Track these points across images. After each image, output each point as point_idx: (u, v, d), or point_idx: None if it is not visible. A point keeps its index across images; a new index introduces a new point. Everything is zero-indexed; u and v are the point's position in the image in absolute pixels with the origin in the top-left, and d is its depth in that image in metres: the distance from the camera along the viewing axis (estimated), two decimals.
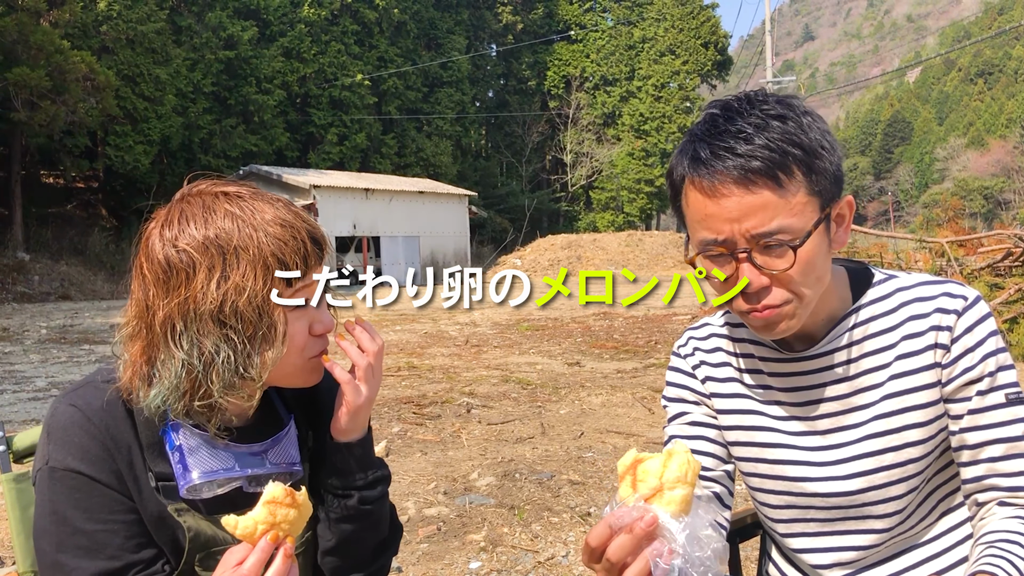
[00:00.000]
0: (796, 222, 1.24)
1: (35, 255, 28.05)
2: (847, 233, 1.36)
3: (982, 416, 1.33)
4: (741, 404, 1.53)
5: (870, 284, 1.44)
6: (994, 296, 9.80)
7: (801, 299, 1.30)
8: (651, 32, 56.83)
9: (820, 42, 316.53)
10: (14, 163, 29.49)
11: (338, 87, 43.49)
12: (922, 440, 1.38)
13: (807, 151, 1.25)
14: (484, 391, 8.39)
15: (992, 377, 1.33)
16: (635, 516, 1.07)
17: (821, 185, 1.27)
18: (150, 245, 1.29)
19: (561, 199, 57.88)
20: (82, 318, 18.04)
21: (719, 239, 1.28)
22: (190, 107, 36.02)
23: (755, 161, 1.23)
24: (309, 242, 1.29)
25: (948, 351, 1.35)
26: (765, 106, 1.28)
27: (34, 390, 8.99)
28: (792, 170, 1.24)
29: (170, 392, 1.27)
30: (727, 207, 1.25)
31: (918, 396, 1.37)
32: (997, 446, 1.32)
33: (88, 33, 30.57)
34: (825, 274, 1.33)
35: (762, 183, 1.23)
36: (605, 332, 13.71)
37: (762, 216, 1.24)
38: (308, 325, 1.32)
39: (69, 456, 1.28)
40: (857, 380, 1.41)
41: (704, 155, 1.27)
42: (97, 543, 1.27)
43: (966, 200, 74.20)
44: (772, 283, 1.28)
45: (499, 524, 4.37)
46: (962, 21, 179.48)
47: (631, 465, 1.12)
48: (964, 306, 1.35)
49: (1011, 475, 1.32)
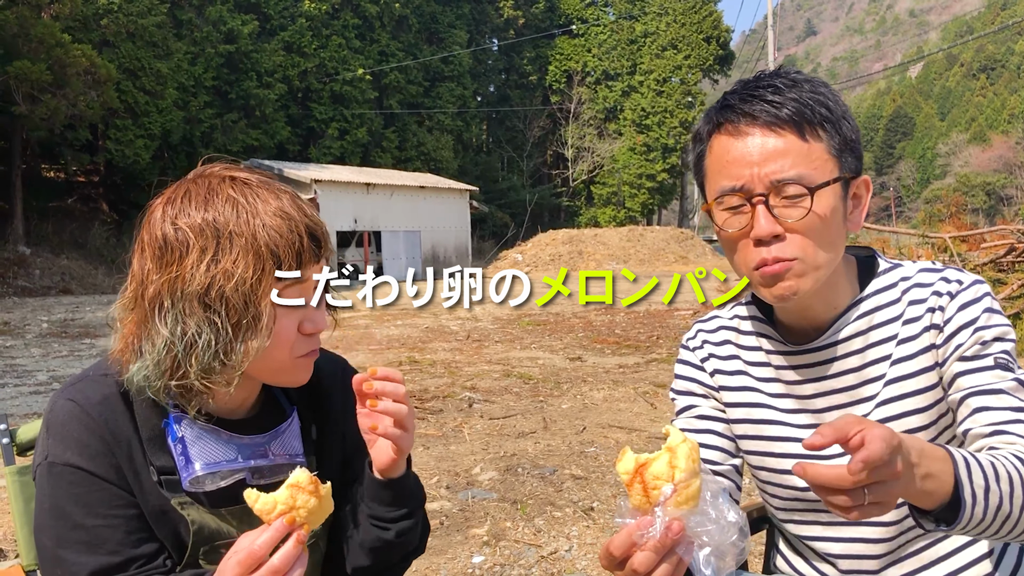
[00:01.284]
0: (816, 174, 1.27)
1: (36, 249, 28.06)
2: (862, 215, 1.37)
3: (970, 377, 1.31)
4: (750, 397, 1.52)
5: (875, 274, 1.44)
6: (997, 292, 9.79)
7: (810, 260, 1.30)
8: (653, 27, 56.71)
9: (822, 37, 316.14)
10: (15, 157, 29.48)
11: (339, 81, 43.44)
12: (924, 426, 1.37)
13: (833, 114, 1.29)
14: (486, 386, 8.39)
15: (984, 346, 1.32)
16: (660, 530, 1.05)
17: (843, 151, 1.30)
18: (152, 220, 1.29)
19: (562, 194, 57.83)
20: (83, 312, 18.05)
21: (737, 186, 1.30)
22: (191, 101, 36.00)
23: (784, 109, 1.27)
24: (307, 238, 1.27)
25: (941, 331, 1.35)
26: (795, 73, 1.34)
27: (35, 384, 9.00)
28: (817, 126, 1.28)
29: (152, 368, 1.26)
30: (750, 149, 1.28)
31: (917, 381, 1.37)
32: (981, 397, 1.30)
33: (89, 26, 30.53)
34: (838, 244, 1.33)
35: (788, 129, 1.27)
36: (607, 327, 13.70)
37: (783, 162, 1.27)
38: (298, 322, 1.30)
39: (68, 451, 1.27)
40: (864, 371, 1.40)
41: (734, 101, 1.32)
42: (97, 538, 1.26)
43: (968, 196, 74.13)
44: (785, 236, 1.29)
45: (502, 518, 4.36)
46: (965, 16, 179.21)
47: (635, 471, 1.08)
48: (959, 288, 1.35)
49: (995, 424, 1.26)
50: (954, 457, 1.09)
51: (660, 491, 1.06)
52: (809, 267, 1.30)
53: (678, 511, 1.06)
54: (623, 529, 1.09)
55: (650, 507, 1.07)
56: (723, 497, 1.11)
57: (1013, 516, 1.12)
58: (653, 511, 1.07)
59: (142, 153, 32.98)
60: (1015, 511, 1.12)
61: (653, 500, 1.07)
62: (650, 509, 1.07)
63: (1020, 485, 1.13)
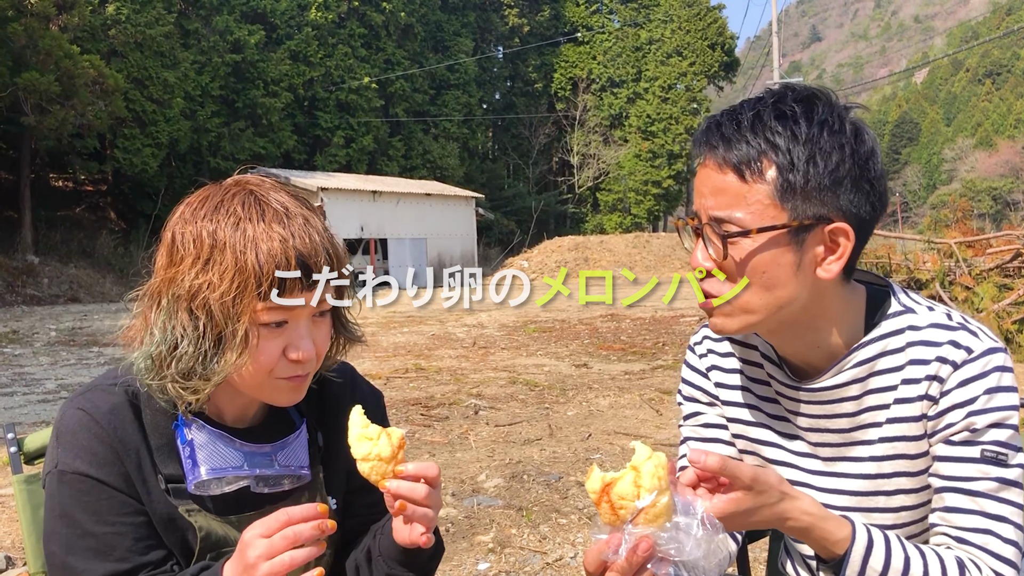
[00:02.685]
0: (748, 219, 1.24)
1: (44, 258, 28.14)
2: (839, 264, 1.27)
3: (951, 466, 1.26)
4: (750, 415, 1.50)
5: (884, 315, 1.35)
6: (1003, 297, 9.76)
7: (738, 303, 1.27)
8: (658, 34, 56.72)
9: (827, 43, 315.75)
10: (23, 167, 29.59)
11: (345, 90, 43.55)
12: (915, 489, 1.34)
13: (788, 159, 1.22)
14: (492, 393, 8.39)
15: (975, 432, 1.25)
16: (627, 550, 1.07)
17: (792, 198, 1.23)
18: (172, 218, 1.33)
19: (568, 201, 57.81)
20: (91, 320, 18.10)
21: (695, 210, 1.31)
22: (198, 110, 36.12)
23: (732, 151, 1.25)
24: (295, 265, 1.26)
25: (936, 404, 1.28)
26: (782, 103, 1.26)
27: (44, 392, 9.03)
28: (763, 171, 1.23)
29: (143, 359, 1.30)
30: (703, 180, 1.29)
31: (908, 445, 1.32)
32: (956, 496, 1.25)
33: (97, 37, 30.68)
34: (779, 293, 1.26)
35: (731, 170, 1.25)
36: (612, 334, 13.70)
37: (721, 200, 1.26)
38: (283, 346, 1.30)
39: (77, 459, 1.29)
40: (859, 417, 1.36)
41: (704, 127, 1.31)
42: (106, 545, 1.28)
43: (974, 201, 73.89)
44: (716, 271, 1.29)
45: (507, 525, 4.37)
46: (970, 21, 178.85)
47: (602, 490, 1.08)
48: (965, 359, 1.26)
49: (963, 529, 1.24)
50: (855, 533, 1.21)
51: (626, 509, 1.06)
52: (735, 309, 1.28)
53: (647, 528, 1.06)
54: (594, 546, 1.11)
55: (620, 523, 1.08)
56: (699, 510, 1.10)
57: None
58: (623, 528, 1.07)
59: (150, 162, 33.09)
60: None
61: (622, 519, 1.07)
62: (620, 526, 1.08)
63: None
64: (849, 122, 1.26)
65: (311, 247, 1.28)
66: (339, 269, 1.33)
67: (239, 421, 1.42)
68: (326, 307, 1.33)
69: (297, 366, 1.32)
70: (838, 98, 1.29)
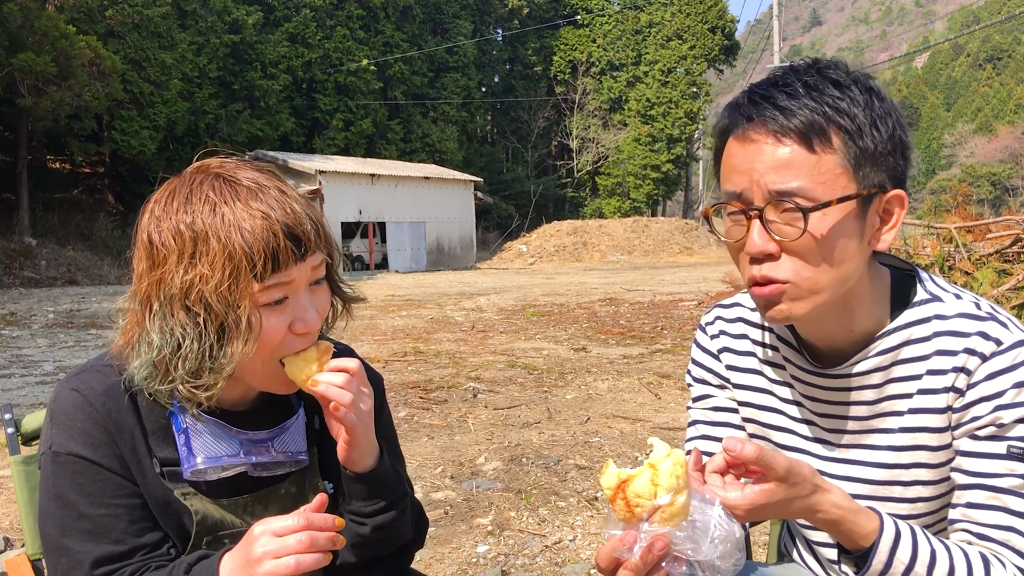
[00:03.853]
0: (821, 190, 1.16)
1: (42, 240, 28.12)
2: (892, 234, 1.24)
3: (975, 461, 1.22)
4: (762, 399, 1.46)
5: (910, 303, 1.30)
6: (1002, 282, 9.76)
7: (806, 284, 1.20)
8: (658, 17, 56.47)
9: (828, 27, 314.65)
10: (20, 148, 29.50)
11: (343, 72, 43.38)
12: (934, 481, 1.30)
13: (855, 123, 1.17)
14: (490, 376, 8.39)
15: (1001, 428, 1.20)
16: (642, 548, 1.05)
17: (863, 164, 1.18)
18: (142, 222, 1.29)
19: (567, 185, 57.75)
20: (89, 303, 18.09)
21: (737, 191, 1.21)
22: (196, 92, 36.00)
23: (794, 118, 1.16)
24: (283, 237, 1.23)
25: (963, 396, 1.23)
26: (829, 70, 1.21)
27: (42, 374, 9.03)
28: (830, 138, 1.16)
29: (148, 370, 1.26)
30: (753, 156, 1.19)
31: (930, 437, 1.28)
32: (979, 492, 1.21)
33: (94, 17, 30.52)
34: (847, 267, 1.21)
35: (794, 139, 1.16)
36: (611, 318, 13.70)
37: (784, 172, 1.16)
38: (288, 322, 1.27)
39: (72, 440, 1.28)
40: (880, 405, 1.32)
41: (745, 101, 1.22)
42: (101, 527, 1.27)
43: (974, 186, 73.85)
44: (780, 254, 1.20)
45: (506, 508, 4.37)
46: (971, 6, 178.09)
47: (617, 487, 1.06)
48: (994, 351, 1.21)
49: (985, 525, 1.20)
50: (883, 526, 1.17)
51: (642, 507, 1.04)
52: (805, 292, 1.21)
53: (663, 527, 1.04)
54: (608, 543, 1.09)
55: (635, 521, 1.06)
56: (716, 508, 1.09)
57: None
58: (638, 526, 1.06)
59: (148, 144, 33.02)
60: None
61: (637, 516, 1.05)
62: (635, 523, 1.06)
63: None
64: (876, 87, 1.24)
65: (294, 217, 1.26)
66: (324, 233, 1.31)
67: (236, 406, 1.41)
68: (321, 273, 1.32)
69: (306, 339, 1.30)
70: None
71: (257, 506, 1.40)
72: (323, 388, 1.28)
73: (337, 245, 1.38)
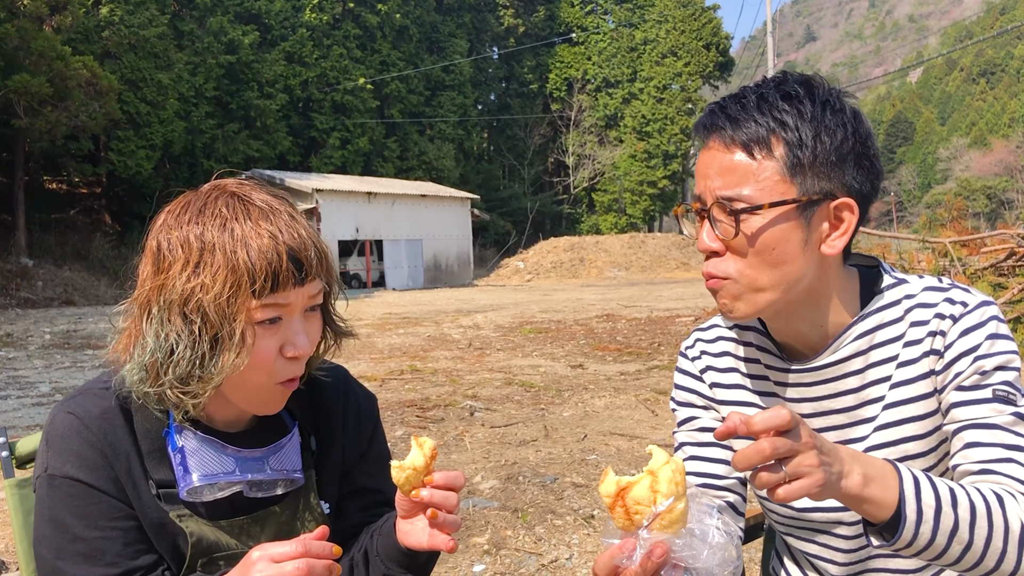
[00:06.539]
0: (758, 195, 1.25)
1: (39, 261, 28.11)
2: (843, 240, 1.29)
3: (965, 409, 1.27)
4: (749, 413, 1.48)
5: (879, 289, 1.38)
6: (998, 296, 9.78)
7: (746, 282, 1.28)
8: (653, 34, 56.81)
9: (822, 43, 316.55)
10: (17, 169, 29.56)
11: (340, 91, 43.56)
12: (923, 452, 1.33)
13: (797, 135, 1.25)
14: (487, 394, 8.39)
15: (984, 375, 1.27)
16: (641, 556, 1.05)
17: (801, 173, 1.25)
18: (153, 227, 1.32)
19: (564, 201, 57.88)
20: (85, 323, 18.07)
21: (697, 194, 1.32)
22: (192, 112, 36.11)
23: (740, 129, 1.26)
24: (287, 260, 1.25)
25: (942, 357, 1.30)
26: (785, 85, 1.30)
27: (38, 395, 9.00)
28: (772, 148, 1.25)
29: (138, 372, 1.28)
30: (708, 162, 1.30)
31: (916, 406, 1.32)
32: (974, 431, 1.25)
33: (90, 38, 30.67)
34: (788, 269, 1.28)
35: (739, 148, 1.26)
36: (608, 334, 13.70)
37: (729, 178, 1.27)
38: (279, 344, 1.29)
39: (67, 463, 1.28)
40: (863, 392, 1.36)
41: (707, 111, 1.32)
42: (96, 550, 1.27)
43: (969, 200, 74.06)
44: (725, 252, 1.29)
45: (503, 527, 4.37)
46: (964, 21, 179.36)
47: (616, 495, 1.06)
48: (963, 311, 1.30)
49: (985, 460, 1.23)
50: (899, 472, 1.12)
51: (641, 515, 1.05)
52: (744, 288, 1.29)
53: (662, 534, 1.05)
54: (607, 551, 1.09)
55: (634, 529, 1.06)
56: (714, 516, 1.09)
57: (976, 547, 1.12)
58: (637, 533, 1.06)
59: (144, 164, 33.07)
60: (977, 542, 1.12)
61: (636, 523, 1.05)
62: (634, 531, 1.07)
63: (986, 516, 1.13)
64: (848, 103, 1.30)
65: (300, 242, 1.28)
66: (326, 263, 1.34)
67: (231, 426, 1.42)
68: (318, 300, 1.34)
69: (294, 365, 1.32)
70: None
71: (254, 527, 1.40)
72: (430, 498, 1.27)
73: (338, 279, 1.41)
